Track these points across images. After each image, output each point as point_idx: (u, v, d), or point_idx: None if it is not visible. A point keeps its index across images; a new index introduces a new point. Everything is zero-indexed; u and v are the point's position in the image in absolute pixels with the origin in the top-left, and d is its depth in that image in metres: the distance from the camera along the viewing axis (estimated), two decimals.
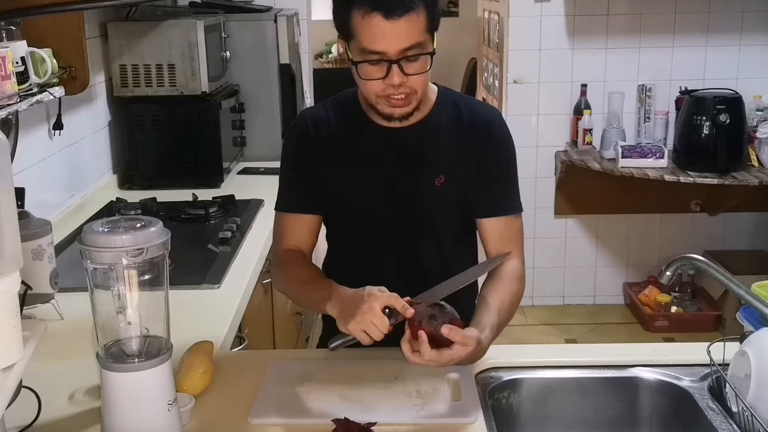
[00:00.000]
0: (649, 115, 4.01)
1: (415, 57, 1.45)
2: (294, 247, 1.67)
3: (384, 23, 1.41)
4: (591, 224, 4.30)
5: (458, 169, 1.61)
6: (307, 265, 1.65)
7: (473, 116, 1.63)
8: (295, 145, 1.67)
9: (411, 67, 1.46)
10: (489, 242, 1.65)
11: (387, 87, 1.47)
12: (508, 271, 1.61)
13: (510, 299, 1.56)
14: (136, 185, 3.04)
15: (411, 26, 1.42)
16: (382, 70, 1.46)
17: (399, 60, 1.44)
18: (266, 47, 3.39)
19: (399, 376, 1.49)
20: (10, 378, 1.05)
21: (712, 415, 1.42)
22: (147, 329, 1.24)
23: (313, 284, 1.57)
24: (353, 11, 1.43)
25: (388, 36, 1.42)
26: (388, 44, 1.43)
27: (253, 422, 1.36)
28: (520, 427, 1.57)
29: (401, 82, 1.46)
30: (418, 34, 1.43)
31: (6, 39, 2.04)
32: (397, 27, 1.41)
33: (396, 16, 1.40)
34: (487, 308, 1.50)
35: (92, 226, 1.19)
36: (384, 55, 1.44)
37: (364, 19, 1.42)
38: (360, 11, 1.42)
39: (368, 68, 1.47)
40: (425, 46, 1.46)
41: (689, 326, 3.98)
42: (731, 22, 3.98)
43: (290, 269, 1.64)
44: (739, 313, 1.67)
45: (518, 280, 1.61)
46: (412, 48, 1.44)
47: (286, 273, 1.66)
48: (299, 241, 1.67)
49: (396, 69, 1.44)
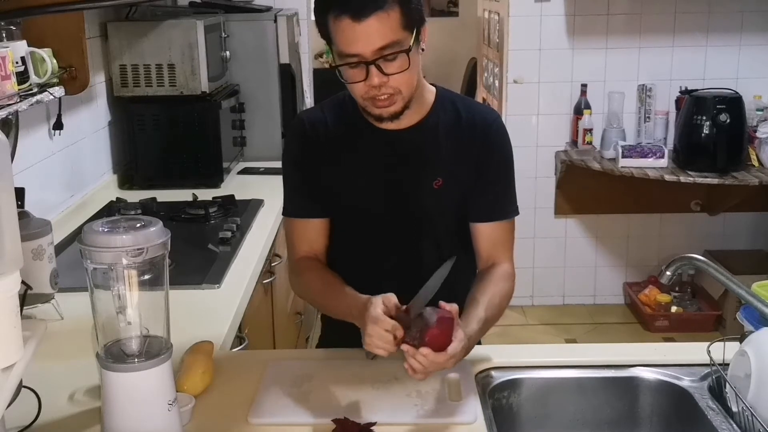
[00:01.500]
0: (649, 115, 4.01)
1: (392, 56, 1.44)
2: (308, 254, 1.67)
3: (354, 25, 1.40)
4: (591, 224, 4.30)
5: (456, 171, 1.61)
6: (322, 274, 1.65)
7: (472, 118, 1.63)
8: (296, 147, 1.67)
9: (390, 67, 1.44)
10: (481, 245, 1.66)
11: (369, 89, 1.47)
12: (499, 272, 1.61)
13: (499, 299, 1.56)
14: (136, 185, 3.04)
15: (382, 25, 1.41)
16: (362, 72, 1.45)
17: (375, 60, 1.43)
18: (266, 47, 3.39)
19: (399, 376, 1.49)
20: (10, 378, 1.05)
21: (712, 414, 1.42)
22: (147, 329, 1.24)
23: (331, 296, 1.58)
24: (328, 16, 1.44)
25: (360, 37, 1.41)
26: (361, 46, 1.42)
27: (253, 422, 1.36)
28: (520, 427, 1.57)
29: (381, 83, 1.45)
30: (391, 33, 1.42)
31: (6, 39, 2.05)
32: (366, 27, 1.40)
33: (364, 17, 1.39)
34: (475, 304, 1.51)
35: (92, 226, 1.19)
36: (360, 57, 1.43)
37: (335, 22, 1.42)
38: (332, 15, 1.42)
39: (348, 71, 1.46)
40: (402, 44, 1.44)
41: (689, 326, 3.98)
42: (731, 21, 3.98)
43: (308, 279, 1.66)
44: (739, 312, 1.67)
45: (507, 280, 1.62)
46: (386, 47, 1.42)
47: (305, 284, 1.67)
48: (312, 246, 1.68)
49: (374, 70, 1.44)
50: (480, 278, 1.61)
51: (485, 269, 1.63)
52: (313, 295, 1.69)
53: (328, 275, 1.64)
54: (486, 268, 1.63)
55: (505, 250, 1.65)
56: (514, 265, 1.67)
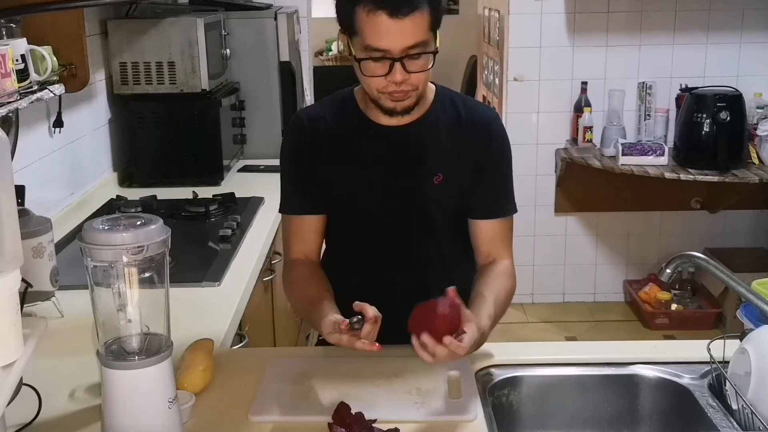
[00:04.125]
0: (649, 113, 4.00)
1: (417, 55, 1.46)
2: (302, 255, 1.68)
3: (389, 21, 1.42)
4: (591, 222, 4.30)
5: (457, 167, 1.62)
6: (310, 282, 1.64)
7: (472, 116, 1.64)
8: (294, 144, 1.67)
9: (413, 65, 1.47)
10: (481, 242, 1.67)
11: (389, 84, 1.49)
12: (501, 269, 1.63)
13: (504, 294, 1.58)
14: (136, 183, 3.04)
15: (415, 25, 1.43)
16: (385, 67, 1.46)
17: (402, 58, 1.45)
18: (266, 45, 3.39)
19: (399, 373, 1.49)
20: (10, 376, 1.05)
21: (712, 412, 1.42)
22: (147, 327, 1.24)
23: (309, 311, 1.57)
24: (358, 8, 1.44)
25: (393, 34, 1.43)
26: (392, 42, 1.43)
27: (254, 420, 1.37)
28: (521, 425, 1.57)
29: (403, 80, 1.47)
30: (421, 33, 1.44)
31: (6, 36, 2.04)
32: (401, 26, 1.42)
33: (401, 15, 1.41)
34: (484, 300, 1.51)
35: (92, 223, 1.19)
36: (387, 53, 1.45)
37: (368, 16, 1.43)
38: (365, 8, 1.43)
39: (371, 65, 1.48)
40: (428, 45, 1.47)
41: (689, 324, 3.98)
42: (732, 19, 3.97)
43: (296, 290, 1.66)
44: (740, 310, 1.67)
45: (510, 277, 1.63)
46: (415, 47, 1.45)
47: (293, 294, 1.68)
48: (306, 244, 1.69)
49: (398, 66, 1.46)
50: (483, 273, 1.62)
51: (486, 265, 1.64)
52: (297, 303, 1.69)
53: (315, 284, 1.63)
54: (487, 264, 1.65)
55: (505, 247, 1.67)
56: (513, 262, 1.68)
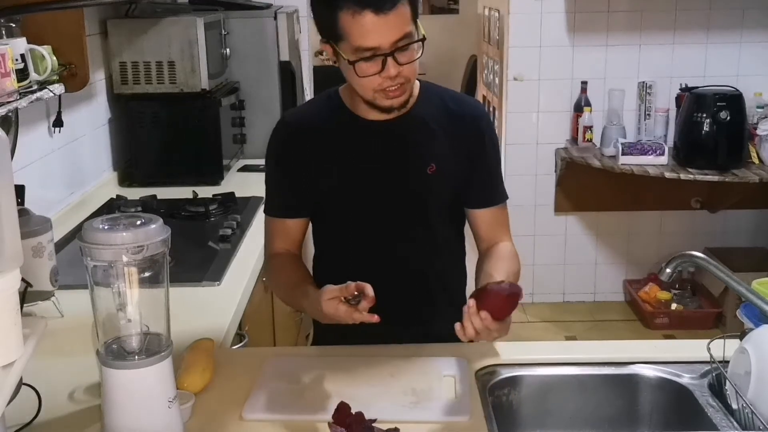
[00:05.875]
0: (649, 112, 4.00)
1: (406, 47, 1.49)
2: (283, 250, 1.73)
3: (375, 19, 1.44)
4: (591, 221, 4.30)
5: (449, 157, 1.65)
6: (294, 268, 1.70)
7: (460, 108, 1.69)
8: (279, 147, 1.71)
9: (404, 57, 1.49)
10: (481, 230, 1.72)
11: (384, 80, 1.51)
12: (506, 251, 1.69)
13: (514, 277, 1.62)
14: (136, 182, 3.04)
15: (399, 18, 1.46)
16: (377, 65, 1.49)
17: (392, 52, 1.47)
18: (266, 44, 3.39)
19: (395, 373, 1.49)
20: (10, 375, 1.05)
21: (712, 412, 1.42)
22: (147, 326, 1.24)
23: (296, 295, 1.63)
24: (340, 12, 1.46)
25: (380, 31, 1.45)
26: (380, 39, 1.46)
27: (246, 417, 1.37)
28: (520, 425, 1.57)
29: (397, 73, 1.50)
30: (406, 25, 1.48)
31: (6, 36, 2.04)
32: (387, 21, 1.44)
33: (386, 11, 1.44)
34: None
35: (92, 223, 1.19)
36: (378, 50, 1.47)
37: (354, 18, 1.45)
38: (348, 11, 1.45)
39: (363, 66, 1.49)
40: (413, 35, 1.50)
41: (689, 323, 3.98)
42: (732, 19, 3.97)
43: (280, 275, 1.72)
44: (740, 310, 1.67)
45: (515, 258, 1.69)
46: (403, 38, 1.48)
47: (277, 279, 1.75)
48: (287, 242, 1.73)
49: (391, 61, 1.48)
50: (489, 256, 1.67)
51: (489, 247, 1.70)
52: (279, 289, 1.77)
53: (297, 269, 1.69)
54: (490, 247, 1.70)
55: (505, 230, 1.74)
56: (513, 243, 1.74)
